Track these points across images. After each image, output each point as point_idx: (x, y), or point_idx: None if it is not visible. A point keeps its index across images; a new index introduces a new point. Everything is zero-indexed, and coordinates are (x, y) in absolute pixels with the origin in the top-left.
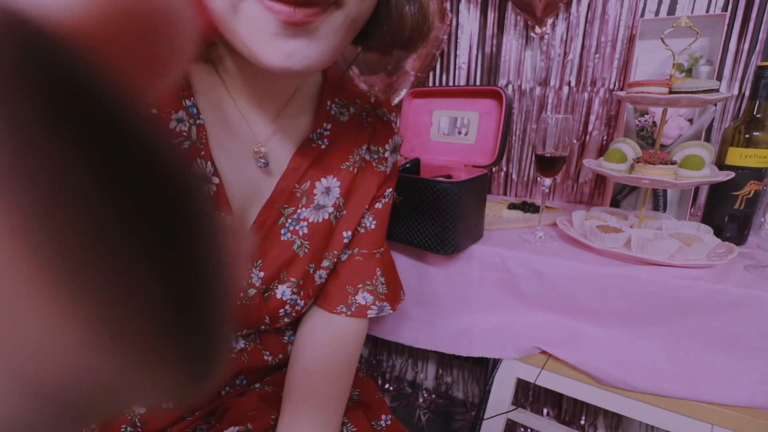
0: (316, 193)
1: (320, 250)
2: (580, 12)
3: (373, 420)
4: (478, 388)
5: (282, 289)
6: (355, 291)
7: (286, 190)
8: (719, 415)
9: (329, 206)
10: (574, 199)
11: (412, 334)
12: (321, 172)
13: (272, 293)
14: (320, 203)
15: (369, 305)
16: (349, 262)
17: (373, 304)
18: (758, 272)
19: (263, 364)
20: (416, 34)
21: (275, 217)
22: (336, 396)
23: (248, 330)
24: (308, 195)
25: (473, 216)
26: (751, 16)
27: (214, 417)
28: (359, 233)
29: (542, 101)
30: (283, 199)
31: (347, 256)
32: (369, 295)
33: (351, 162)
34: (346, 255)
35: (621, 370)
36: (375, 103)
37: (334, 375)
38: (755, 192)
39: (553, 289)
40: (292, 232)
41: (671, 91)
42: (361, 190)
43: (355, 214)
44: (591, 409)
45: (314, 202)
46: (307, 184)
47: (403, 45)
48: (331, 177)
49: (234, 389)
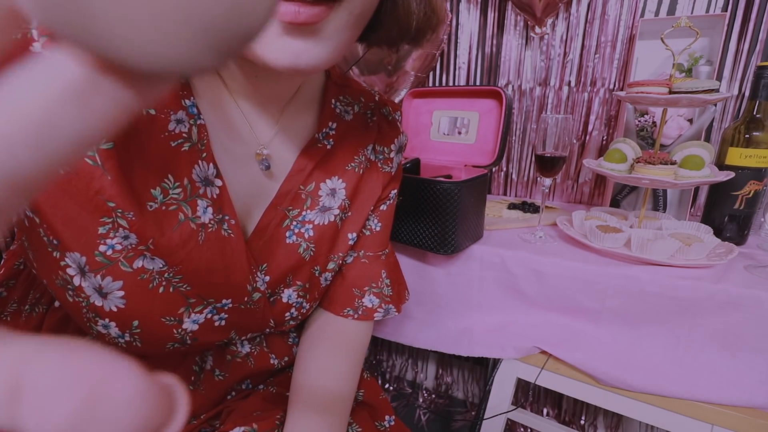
0: (321, 194)
1: (326, 253)
2: (580, 12)
3: (376, 420)
4: (478, 388)
5: (288, 292)
6: (362, 294)
7: (290, 191)
8: (719, 415)
9: (335, 208)
10: (574, 199)
11: (412, 334)
12: (326, 173)
13: (278, 297)
14: (326, 205)
15: (375, 308)
16: (354, 265)
17: (380, 307)
18: (758, 272)
19: (269, 368)
20: (425, 25)
21: (280, 219)
22: (343, 397)
23: (253, 333)
24: (313, 197)
25: (473, 216)
26: (751, 16)
27: (218, 420)
28: (364, 235)
29: (542, 101)
30: (287, 201)
31: (353, 258)
32: (375, 298)
33: (356, 163)
34: (351, 257)
35: (621, 370)
36: (379, 101)
37: (341, 376)
38: (755, 192)
39: (553, 289)
40: (297, 234)
41: (671, 91)
42: (366, 191)
43: (360, 215)
44: (591, 409)
45: (319, 204)
46: (312, 186)
47: (412, 38)
48: (336, 178)
49: (239, 393)
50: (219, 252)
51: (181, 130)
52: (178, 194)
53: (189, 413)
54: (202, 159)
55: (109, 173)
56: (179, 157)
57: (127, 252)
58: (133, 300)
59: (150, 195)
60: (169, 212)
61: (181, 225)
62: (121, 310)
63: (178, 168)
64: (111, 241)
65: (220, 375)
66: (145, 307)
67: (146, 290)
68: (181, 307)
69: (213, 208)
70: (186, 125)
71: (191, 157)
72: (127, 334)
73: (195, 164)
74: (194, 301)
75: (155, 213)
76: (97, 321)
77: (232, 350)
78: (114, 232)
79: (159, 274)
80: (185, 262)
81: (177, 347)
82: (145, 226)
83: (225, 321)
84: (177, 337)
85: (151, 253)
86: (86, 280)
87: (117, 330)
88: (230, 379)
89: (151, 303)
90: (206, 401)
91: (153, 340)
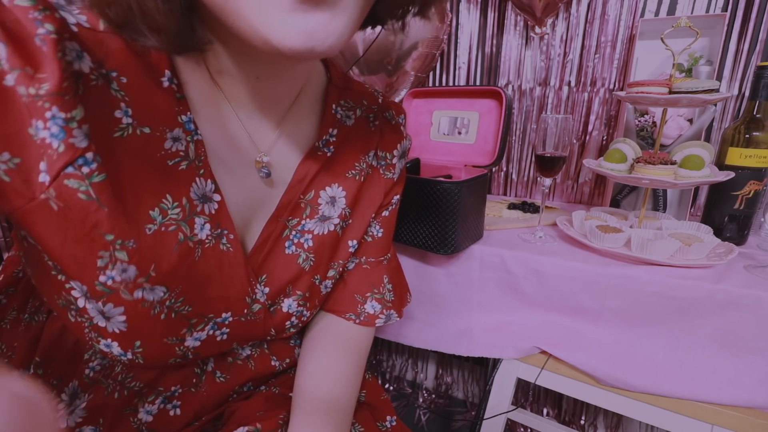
0: (320, 202)
1: (326, 261)
2: (580, 12)
3: (378, 421)
4: (478, 388)
5: (288, 302)
6: (363, 300)
7: (290, 202)
8: (719, 415)
9: (335, 217)
10: (574, 199)
11: (412, 334)
12: (326, 180)
13: (278, 307)
14: (325, 214)
15: (377, 314)
16: (356, 271)
17: (381, 313)
18: (758, 272)
19: (271, 370)
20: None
21: (280, 230)
22: (346, 399)
23: (253, 342)
24: (312, 205)
25: (473, 216)
26: (751, 16)
27: (220, 421)
28: (366, 242)
29: (542, 101)
30: (287, 212)
31: (354, 264)
32: (377, 304)
33: (357, 170)
34: (353, 264)
35: (621, 370)
36: (383, 104)
37: (344, 378)
38: (755, 192)
39: (553, 289)
40: (296, 245)
41: (671, 91)
42: (367, 198)
43: (361, 223)
44: (591, 409)
45: (319, 213)
46: (311, 194)
47: (420, 7)
48: (336, 186)
49: (240, 394)
50: (216, 266)
51: (178, 148)
52: (177, 214)
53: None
54: (200, 176)
55: (105, 205)
56: (177, 176)
57: (127, 284)
58: (135, 325)
59: (149, 217)
60: (169, 233)
61: (180, 244)
62: (123, 332)
63: (177, 187)
64: (110, 273)
65: (222, 377)
66: (147, 330)
67: (148, 317)
68: (183, 328)
69: (211, 224)
70: (183, 143)
71: (189, 176)
72: (130, 352)
73: (192, 182)
74: (196, 321)
75: (155, 235)
76: (100, 340)
77: (233, 353)
78: (112, 265)
79: (160, 303)
80: (185, 281)
81: (179, 361)
82: (145, 252)
83: (227, 335)
84: (179, 354)
85: (152, 283)
86: (90, 302)
87: (119, 349)
88: (232, 382)
89: (153, 327)
90: (208, 403)
91: (155, 357)
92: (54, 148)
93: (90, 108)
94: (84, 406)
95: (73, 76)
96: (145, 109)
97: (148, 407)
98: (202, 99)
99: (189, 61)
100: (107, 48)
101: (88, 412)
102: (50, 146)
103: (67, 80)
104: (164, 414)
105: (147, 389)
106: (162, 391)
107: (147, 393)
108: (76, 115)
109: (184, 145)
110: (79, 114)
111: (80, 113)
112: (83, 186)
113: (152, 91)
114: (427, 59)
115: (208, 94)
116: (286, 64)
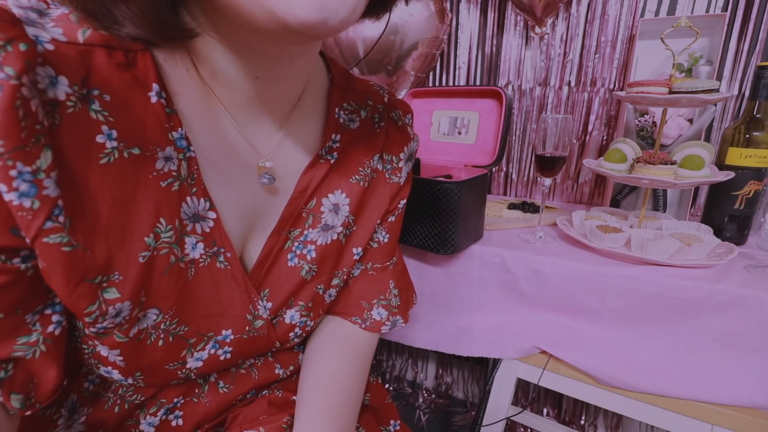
0: (323, 210)
1: (329, 270)
2: (580, 12)
3: (382, 425)
4: (478, 388)
5: (291, 314)
6: (370, 306)
7: (293, 214)
8: (719, 415)
9: (338, 226)
10: (574, 199)
11: (412, 334)
12: (329, 187)
13: (281, 319)
14: (328, 223)
15: (383, 321)
16: (362, 278)
17: (387, 319)
18: (758, 272)
19: (274, 378)
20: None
21: (282, 243)
22: (351, 402)
23: (258, 355)
24: (315, 213)
25: (473, 216)
26: (751, 16)
27: (222, 426)
28: (372, 248)
29: (542, 101)
30: (289, 224)
31: (360, 271)
32: (383, 311)
33: (362, 175)
34: (358, 270)
35: (621, 370)
36: (389, 103)
37: (350, 381)
38: (755, 192)
39: (553, 289)
40: (299, 256)
41: (671, 91)
42: (372, 204)
43: (365, 230)
44: (591, 409)
45: (321, 222)
46: (313, 202)
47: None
48: (339, 192)
49: (243, 400)
50: (212, 285)
51: (170, 168)
52: (169, 237)
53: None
54: (192, 195)
55: (88, 248)
56: (170, 198)
57: (122, 326)
58: (133, 360)
59: (144, 245)
60: (161, 256)
61: (171, 267)
62: (122, 367)
63: (170, 209)
64: (101, 324)
65: (225, 387)
66: (146, 362)
67: (145, 349)
68: (183, 350)
69: (205, 243)
70: (174, 162)
71: (181, 196)
72: (131, 378)
73: (183, 202)
74: (195, 341)
75: (147, 263)
76: (100, 367)
77: (236, 363)
78: (102, 317)
79: (155, 328)
80: (178, 302)
81: (181, 382)
82: (137, 282)
83: (231, 354)
84: (181, 376)
85: (144, 308)
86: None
87: (120, 376)
88: (235, 391)
89: (152, 358)
90: (210, 413)
91: (157, 381)
92: (27, 207)
93: (66, 142)
94: (83, 420)
95: (47, 105)
96: (133, 129)
97: (149, 419)
98: (194, 110)
99: (178, 68)
100: (89, 63)
101: (88, 427)
102: (22, 207)
103: (27, 129)
104: (166, 425)
105: (149, 401)
106: (164, 402)
107: (149, 405)
108: (41, 164)
109: (176, 164)
110: (44, 163)
111: (46, 160)
112: (65, 238)
113: (139, 109)
114: (427, 59)
115: (201, 103)
116: (288, 56)
